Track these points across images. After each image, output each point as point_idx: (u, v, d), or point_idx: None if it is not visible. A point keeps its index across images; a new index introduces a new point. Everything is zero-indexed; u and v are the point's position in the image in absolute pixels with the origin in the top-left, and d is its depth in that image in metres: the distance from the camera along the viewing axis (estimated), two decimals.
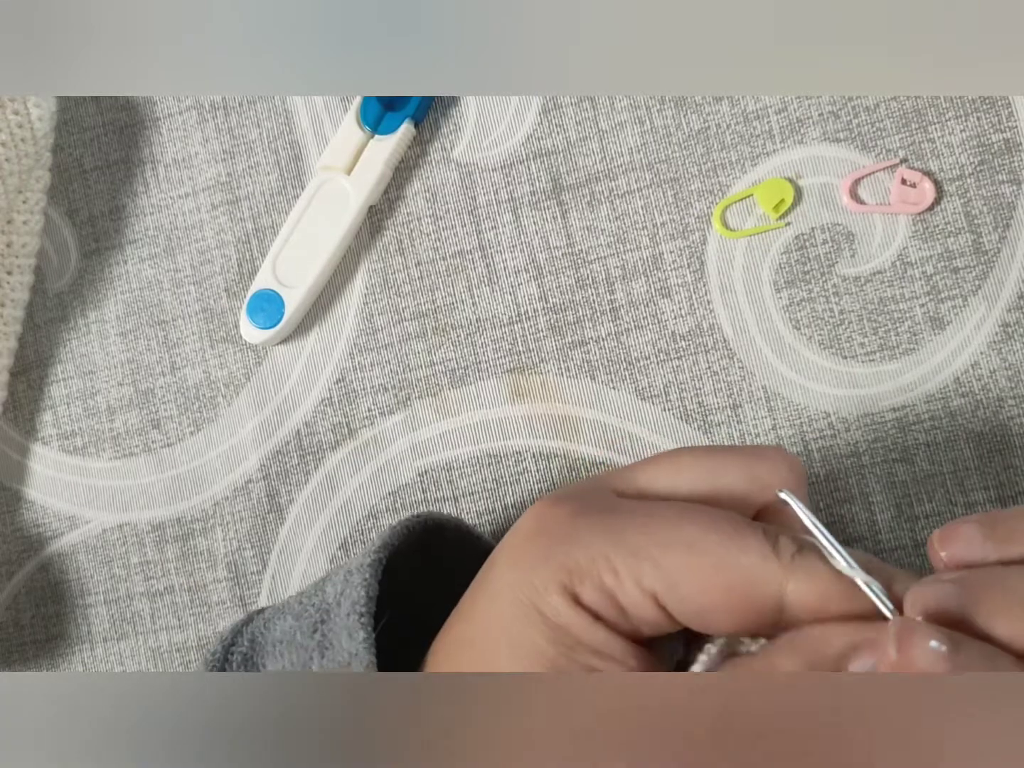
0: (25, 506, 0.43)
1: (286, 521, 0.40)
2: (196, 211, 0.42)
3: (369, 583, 0.28)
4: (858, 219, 0.37)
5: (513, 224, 0.40)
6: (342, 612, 0.28)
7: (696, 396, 0.38)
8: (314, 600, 0.30)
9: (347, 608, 0.28)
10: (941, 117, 0.37)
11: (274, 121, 0.42)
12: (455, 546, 0.33)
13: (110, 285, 0.43)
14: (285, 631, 0.29)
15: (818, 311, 0.37)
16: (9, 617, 0.42)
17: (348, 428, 0.40)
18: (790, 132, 0.38)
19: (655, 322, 0.39)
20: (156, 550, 0.41)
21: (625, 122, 0.39)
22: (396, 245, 0.41)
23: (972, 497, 0.36)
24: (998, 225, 0.36)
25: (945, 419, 0.36)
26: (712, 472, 0.27)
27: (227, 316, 0.42)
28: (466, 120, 0.41)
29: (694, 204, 0.39)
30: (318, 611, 0.29)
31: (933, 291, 0.37)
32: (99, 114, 0.44)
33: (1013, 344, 0.36)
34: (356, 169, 0.40)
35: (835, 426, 0.37)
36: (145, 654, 0.41)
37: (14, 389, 0.43)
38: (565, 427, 0.39)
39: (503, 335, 0.40)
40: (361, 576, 0.28)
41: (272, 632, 0.30)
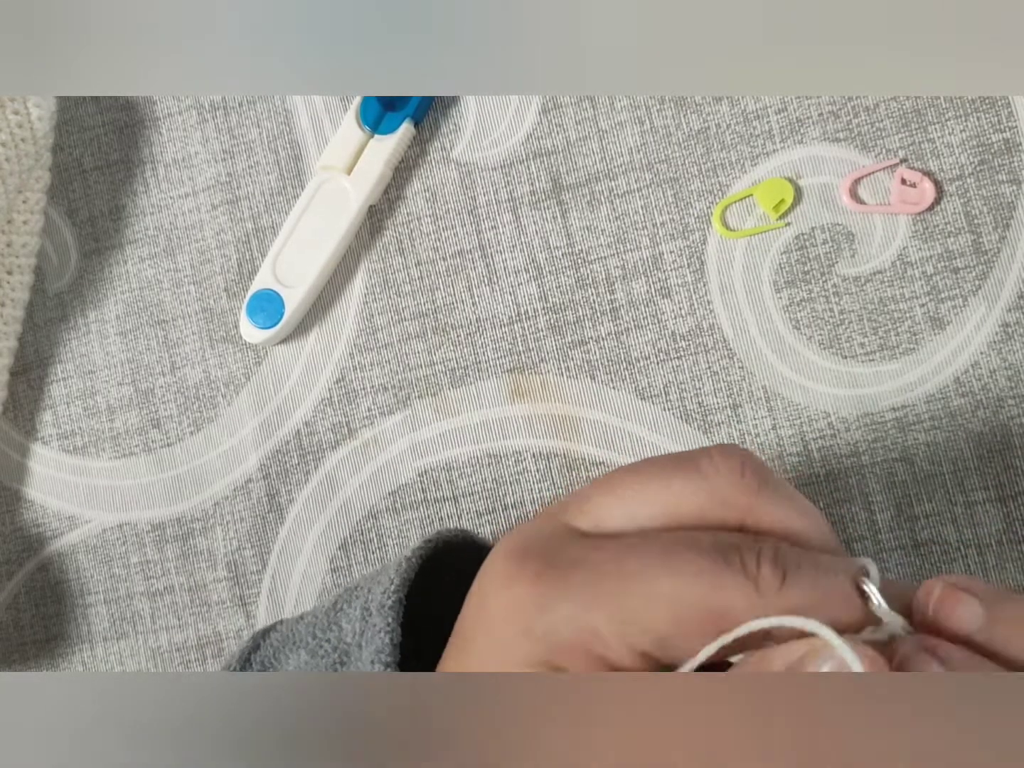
0: (25, 506, 0.43)
1: (286, 521, 0.40)
2: (196, 211, 0.42)
3: (392, 628, 0.27)
4: (858, 219, 0.37)
5: (513, 224, 0.40)
6: (364, 658, 0.27)
7: (696, 396, 0.38)
8: (329, 636, 0.29)
9: (370, 655, 0.27)
10: (941, 117, 0.37)
11: (274, 121, 0.42)
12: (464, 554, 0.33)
13: (110, 285, 0.43)
14: (299, 666, 0.29)
15: (818, 311, 0.37)
16: (9, 617, 0.42)
17: (348, 428, 0.40)
18: (790, 132, 0.38)
19: (655, 322, 0.39)
20: (156, 550, 0.41)
21: (625, 122, 0.39)
22: (396, 245, 0.41)
23: (972, 497, 0.36)
24: (998, 225, 0.36)
25: (945, 419, 0.36)
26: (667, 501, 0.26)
27: (227, 316, 0.42)
28: (466, 120, 0.41)
29: (694, 204, 0.39)
30: (336, 651, 0.28)
31: (933, 291, 0.37)
32: (99, 114, 0.44)
33: (1013, 344, 0.36)
34: (356, 169, 0.40)
35: (835, 426, 0.37)
36: (145, 654, 0.41)
37: (14, 389, 0.43)
38: (565, 427, 0.39)
39: (503, 335, 0.40)
40: (383, 620, 0.28)
41: (284, 665, 0.29)
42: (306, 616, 0.32)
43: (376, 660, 0.27)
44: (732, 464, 0.26)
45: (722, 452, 0.26)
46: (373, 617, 0.28)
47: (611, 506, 0.26)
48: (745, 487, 0.26)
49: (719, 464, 0.26)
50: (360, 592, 0.30)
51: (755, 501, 0.26)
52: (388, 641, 0.27)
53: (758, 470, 0.26)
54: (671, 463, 0.26)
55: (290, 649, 0.29)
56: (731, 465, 0.26)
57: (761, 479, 0.26)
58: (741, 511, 0.26)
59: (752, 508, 0.26)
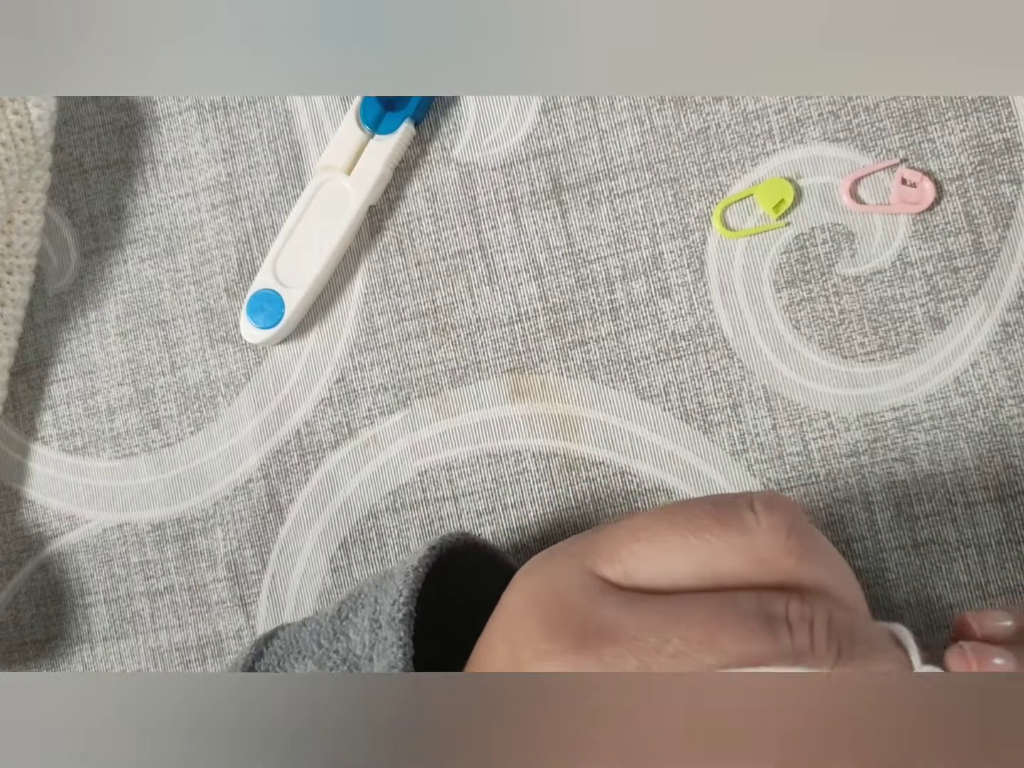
0: (25, 506, 0.43)
1: (286, 521, 0.40)
2: (196, 211, 0.42)
3: (404, 642, 0.27)
4: (858, 219, 0.37)
5: (513, 224, 0.40)
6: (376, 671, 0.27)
7: (696, 396, 0.38)
8: (337, 647, 0.29)
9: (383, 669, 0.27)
10: (941, 117, 0.37)
11: (274, 121, 0.42)
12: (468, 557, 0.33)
13: (110, 285, 0.43)
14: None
15: (818, 311, 0.37)
16: (9, 617, 0.42)
17: (348, 428, 0.40)
18: (790, 132, 0.38)
19: (655, 322, 0.39)
20: (156, 550, 0.41)
21: (625, 122, 0.39)
22: (396, 245, 0.41)
23: (972, 497, 0.36)
24: (998, 225, 0.36)
25: (945, 419, 0.36)
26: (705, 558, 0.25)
27: (227, 316, 0.42)
28: (466, 120, 0.41)
29: (694, 204, 0.39)
30: (345, 662, 0.28)
31: (933, 291, 0.37)
32: (99, 114, 0.44)
33: (1013, 344, 0.36)
34: (356, 169, 0.40)
35: (835, 426, 0.37)
36: (145, 654, 0.41)
37: (14, 389, 0.43)
38: (565, 427, 0.39)
39: (503, 335, 0.40)
40: (395, 634, 0.27)
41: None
42: (309, 623, 0.31)
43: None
44: (776, 522, 0.25)
45: (767, 506, 0.25)
46: (383, 630, 0.28)
47: (644, 558, 0.25)
48: (789, 551, 0.25)
49: (763, 520, 0.25)
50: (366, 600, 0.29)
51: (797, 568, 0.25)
52: (401, 656, 0.27)
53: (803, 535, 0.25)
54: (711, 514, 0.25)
55: (295, 658, 0.29)
56: (775, 523, 0.25)
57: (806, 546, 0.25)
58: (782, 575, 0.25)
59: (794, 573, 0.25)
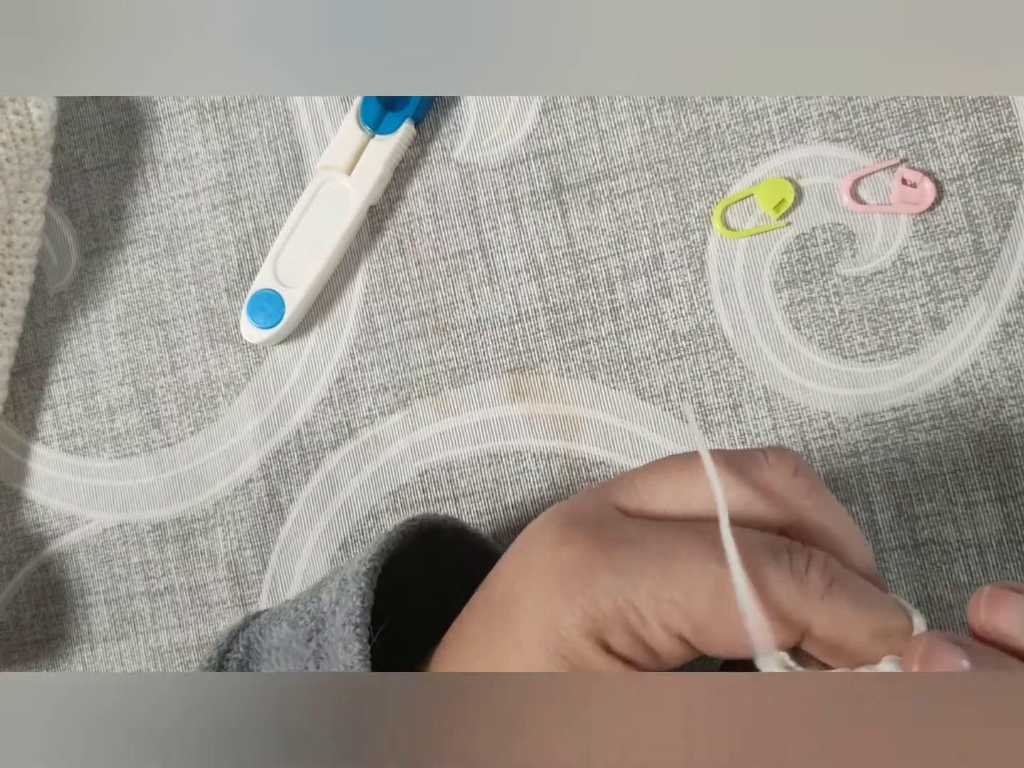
0: (25, 506, 0.43)
1: (286, 521, 0.41)
2: (196, 211, 0.42)
3: (364, 592, 0.28)
4: (859, 219, 0.37)
5: (513, 224, 0.40)
6: (337, 622, 0.27)
7: (696, 396, 0.38)
8: (309, 607, 0.29)
9: (342, 618, 0.27)
10: (941, 117, 0.37)
11: (274, 121, 0.42)
12: (453, 546, 0.33)
13: (110, 285, 0.43)
14: (281, 639, 0.29)
15: (818, 311, 0.37)
16: (9, 617, 0.42)
17: (348, 428, 0.40)
18: (790, 132, 0.38)
19: (655, 322, 0.39)
20: (156, 550, 0.41)
21: (625, 122, 0.39)
22: (396, 245, 0.41)
23: (972, 497, 0.36)
24: (998, 225, 0.36)
25: (945, 419, 0.36)
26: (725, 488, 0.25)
27: (227, 316, 0.42)
28: (466, 120, 0.41)
29: (694, 204, 0.39)
30: (313, 619, 0.28)
31: (933, 291, 0.37)
32: (99, 114, 0.44)
33: (1013, 344, 0.36)
34: (356, 169, 0.40)
35: (835, 426, 0.37)
36: (145, 654, 0.41)
37: (14, 389, 0.43)
38: (565, 427, 0.39)
39: (503, 335, 0.40)
40: (356, 585, 0.28)
41: (268, 639, 0.29)
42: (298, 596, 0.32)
43: (347, 623, 0.27)
44: (786, 462, 0.26)
45: (777, 452, 0.26)
46: (348, 584, 0.28)
47: (658, 487, 0.26)
48: (796, 488, 0.26)
49: (773, 461, 0.26)
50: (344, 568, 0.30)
51: (804, 503, 0.26)
52: (359, 604, 0.27)
53: (810, 475, 0.26)
54: (723, 454, 0.26)
55: (275, 624, 0.30)
56: (785, 463, 0.26)
57: (812, 484, 0.26)
58: (789, 510, 0.26)
59: (800, 509, 0.26)
